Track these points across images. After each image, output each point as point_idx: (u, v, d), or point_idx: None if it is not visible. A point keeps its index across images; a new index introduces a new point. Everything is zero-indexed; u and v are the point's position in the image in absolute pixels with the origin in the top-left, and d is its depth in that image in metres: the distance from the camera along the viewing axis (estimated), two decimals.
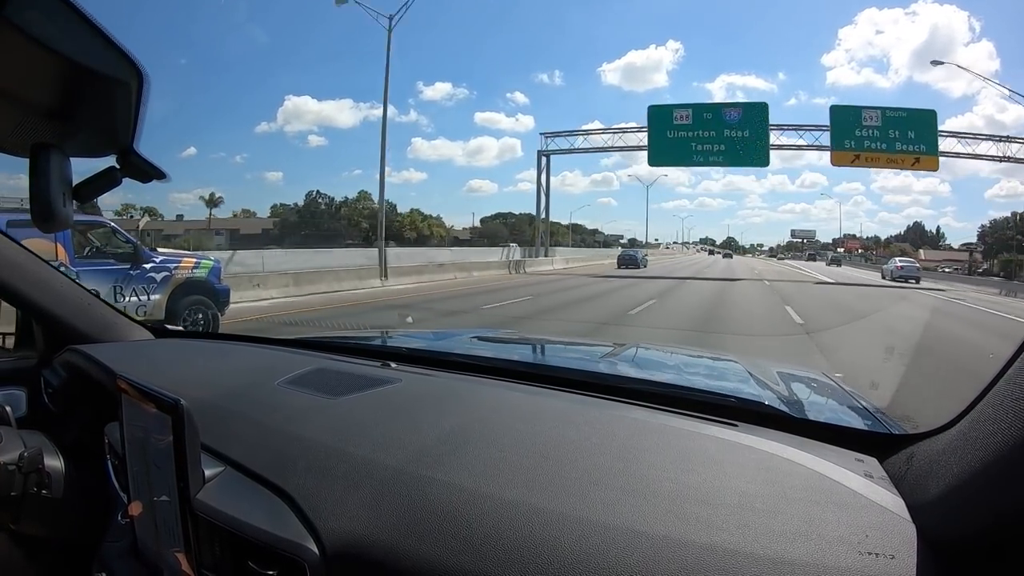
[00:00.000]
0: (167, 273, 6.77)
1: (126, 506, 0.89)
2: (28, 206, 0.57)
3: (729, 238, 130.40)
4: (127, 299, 6.33)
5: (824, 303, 13.95)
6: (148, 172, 0.64)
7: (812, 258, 72.79)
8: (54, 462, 1.03)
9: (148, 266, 6.64)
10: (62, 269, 6.59)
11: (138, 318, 1.61)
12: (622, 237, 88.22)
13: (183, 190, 61.58)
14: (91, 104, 0.56)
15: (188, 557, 0.73)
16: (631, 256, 33.40)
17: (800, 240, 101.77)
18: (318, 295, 12.48)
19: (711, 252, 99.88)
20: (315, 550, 0.66)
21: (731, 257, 76.52)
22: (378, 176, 18.48)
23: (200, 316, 6.93)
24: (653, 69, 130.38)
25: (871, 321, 10.69)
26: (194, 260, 7.30)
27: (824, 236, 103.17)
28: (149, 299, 6.60)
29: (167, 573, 0.78)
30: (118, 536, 0.97)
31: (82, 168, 0.63)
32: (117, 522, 0.98)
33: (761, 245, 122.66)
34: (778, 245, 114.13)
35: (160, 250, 7.94)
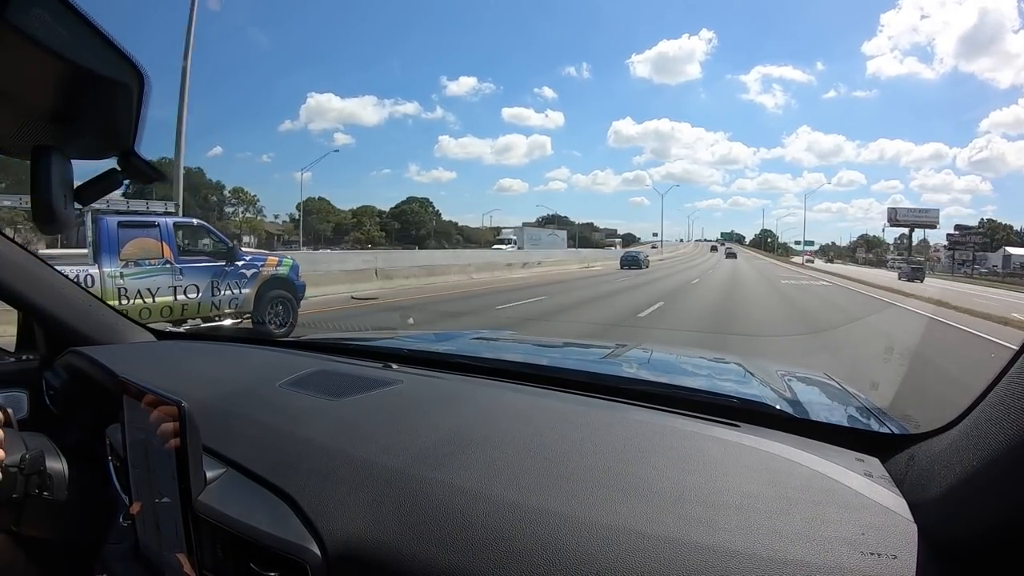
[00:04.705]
0: (256, 270, 7.62)
1: (128, 508, 0.89)
2: (122, 206, 0.58)
3: (765, 230, 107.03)
4: (223, 292, 7.18)
5: None
6: (149, 174, 0.64)
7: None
8: (56, 464, 1.03)
9: (240, 263, 7.46)
10: (166, 265, 6.58)
11: (230, 310, 1.64)
12: (616, 233, 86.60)
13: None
14: (92, 106, 0.56)
15: (190, 559, 0.73)
16: (634, 257, 32.28)
17: (905, 235, 49.82)
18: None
19: (714, 248, 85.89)
20: (317, 552, 0.66)
21: (735, 257, 56.69)
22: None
23: (281, 308, 7.80)
24: (685, 60, 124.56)
25: None
26: (277, 259, 8.15)
27: (888, 233, 62.78)
28: (241, 292, 7.39)
29: (169, 574, 0.78)
30: (120, 538, 0.97)
31: (83, 170, 0.63)
32: (119, 524, 0.98)
33: (812, 242, 77.30)
34: (832, 243, 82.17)
35: (246, 250, 8.98)
